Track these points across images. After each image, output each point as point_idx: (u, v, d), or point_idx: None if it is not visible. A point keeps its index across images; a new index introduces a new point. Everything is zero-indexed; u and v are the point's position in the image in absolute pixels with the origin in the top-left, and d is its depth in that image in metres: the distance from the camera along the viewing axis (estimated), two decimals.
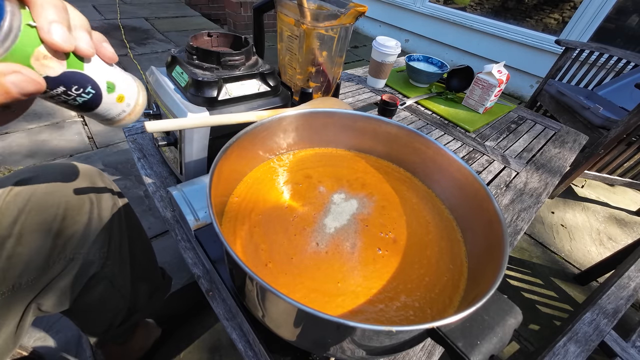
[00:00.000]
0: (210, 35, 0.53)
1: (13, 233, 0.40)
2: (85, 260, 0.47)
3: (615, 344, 0.65)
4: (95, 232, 0.47)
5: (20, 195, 0.42)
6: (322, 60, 0.62)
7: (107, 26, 2.43)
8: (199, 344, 0.82)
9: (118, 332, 0.60)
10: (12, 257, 0.40)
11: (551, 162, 0.78)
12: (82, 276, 0.48)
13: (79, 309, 0.51)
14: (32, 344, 0.75)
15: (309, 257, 0.34)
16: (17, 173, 0.45)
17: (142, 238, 0.60)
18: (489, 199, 0.34)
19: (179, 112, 0.43)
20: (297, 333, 0.27)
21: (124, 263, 0.54)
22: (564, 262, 1.29)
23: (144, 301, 0.61)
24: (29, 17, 0.20)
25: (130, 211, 0.56)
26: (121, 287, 0.54)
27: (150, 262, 0.64)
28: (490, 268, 0.29)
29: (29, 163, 1.24)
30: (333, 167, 0.45)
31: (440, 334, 0.23)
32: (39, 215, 0.42)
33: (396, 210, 0.40)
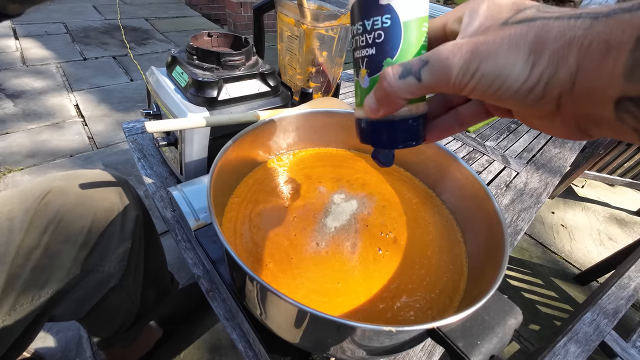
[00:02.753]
0: (211, 35, 0.53)
1: (41, 244, 0.40)
2: (106, 272, 0.47)
3: (616, 344, 0.65)
4: (118, 245, 0.47)
5: (51, 205, 0.41)
6: (322, 60, 0.62)
7: (108, 26, 2.43)
8: (199, 344, 0.82)
9: (125, 336, 0.60)
10: (36, 268, 0.39)
11: (551, 162, 0.78)
12: (100, 288, 0.48)
13: (90, 315, 0.51)
14: (33, 344, 0.75)
15: (309, 257, 0.34)
16: (49, 180, 0.44)
17: (157, 245, 0.60)
18: (489, 199, 0.34)
19: (179, 112, 0.43)
20: (297, 333, 0.27)
21: (139, 271, 0.53)
22: (564, 262, 1.29)
23: (153, 306, 0.61)
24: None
25: (149, 218, 0.56)
26: (133, 293, 0.54)
27: (161, 268, 0.64)
28: (490, 268, 0.29)
29: (29, 163, 1.24)
30: (333, 167, 0.45)
31: (440, 334, 0.23)
32: (67, 227, 0.42)
33: (396, 210, 0.40)
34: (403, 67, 0.17)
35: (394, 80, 0.18)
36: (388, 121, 0.21)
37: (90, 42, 2.17)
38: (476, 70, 0.15)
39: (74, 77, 1.78)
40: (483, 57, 0.15)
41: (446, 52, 0.16)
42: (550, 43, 0.14)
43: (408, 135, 0.22)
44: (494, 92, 0.16)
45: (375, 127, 0.22)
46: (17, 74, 1.72)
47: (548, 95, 0.15)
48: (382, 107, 0.20)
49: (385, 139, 0.22)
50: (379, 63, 0.20)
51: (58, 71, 1.81)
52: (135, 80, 1.86)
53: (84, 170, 0.47)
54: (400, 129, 0.22)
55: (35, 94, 1.60)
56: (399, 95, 0.18)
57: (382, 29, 0.19)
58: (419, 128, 0.22)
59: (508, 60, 0.15)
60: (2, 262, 0.37)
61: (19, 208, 0.40)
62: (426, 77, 0.17)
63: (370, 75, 0.21)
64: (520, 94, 0.15)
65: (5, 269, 0.37)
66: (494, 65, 0.15)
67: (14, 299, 0.38)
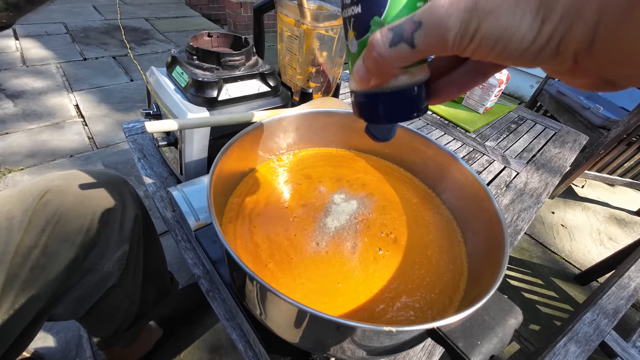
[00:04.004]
0: (211, 35, 0.53)
1: (39, 244, 0.40)
2: (104, 272, 0.47)
3: (616, 344, 0.65)
4: (117, 244, 0.47)
5: (49, 204, 0.41)
6: (322, 60, 0.62)
7: (108, 26, 2.43)
8: (199, 344, 0.82)
9: (124, 336, 0.60)
10: (35, 268, 0.39)
11: (551, 162, 0.78)
12: (99, 287, 0.48)
13: (89, 314, 0.51)
14: (32, 344, 0.75)
15: (309, 257, 0.34)
16: (48, 179, 0.44)
17: (156, 245, 0.60)
18: (489, 199, 0.34)
19: (179, 112, 0.43)
20: (297, 333, 0.27)
21: (138, 271, 0.53)
22: (564, 262, 1.29)
23: (152, 306, 0.61)
24: None
25: (148, 218, 0.56)
26: (132, 293, 0.54)
27: (160, 268, 0.64)
28: (490, 268, 0.29)
29: (29, 163, 1.24)
30: (333, 167, 0.45)
31: (440, 334, 0.23)
32: (66, 226, 0.42)
33: (396, 210, 0.40)
34: (393, 32, 0.15)
35: (384, 49, 0.16)
36: (382, 92, 0.19)
37: (90, 42, 2.17)
38: (476, 31, 0.13)
39: (74, 77, 1.78)
40: (483, 16, 0.13)
41: (442, 11, 0.14)
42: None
43: (407, 106, 0.19)
44: (498, 54, 0.14)
45: (368, 99, 0.20)
46: (17, 74, 1.72)
47: (562, 54, 0.13)
48: (373, 76, 0.17)
49: (381, 112, 0.20)
50: (366, 23, 0.17)
51: (58, 71, 1.81)
52: (135, 80, 1.86)
53: (83, 170, 0.47)
54: (397, 100, 0.19)
55: (35, 94, 1.60)
56: (391, 64, 0.16)
57: None
58: (419, 97, 0.19)
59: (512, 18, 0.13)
60: (1, 262, 0.37)
61: (18, 207, 0.40)
62: (420, 43, 0.15)
63: (358, 37, 0.18)
64: (529, 54, 0.13)
65: (4, 268, 0.37)
66: (496, 25, 0.13)
67: (13, 299, 0.38)
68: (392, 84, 0.18)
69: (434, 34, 0.14)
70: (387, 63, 0.16)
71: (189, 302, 0.83)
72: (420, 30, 0.15)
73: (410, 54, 0.15)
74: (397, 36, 0.15)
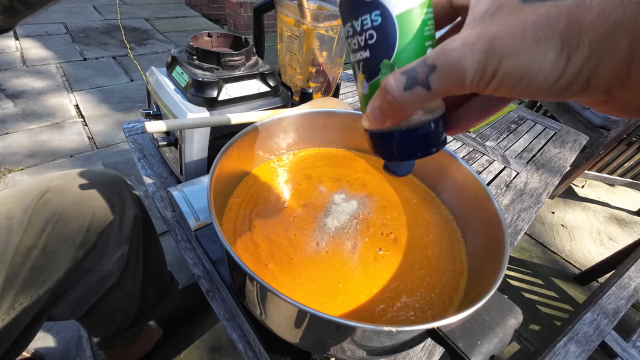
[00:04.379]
0: (211, 35, 0.53)
1: (39, 243, 0.40)
2: (104, 272, 0.47)
3: (616, 344, 0.65)
4: (116, 244, 0.47)
5: (49, 204, 0.41)
6: (322, 60, 0.62)
7: (108, 27, 2.43)
8: (199, 344, 0.82)
9: (124, 336, 0.60)
10: (34, 268, 0.39)
11: (551, 162, 0.78)
12: (99, 287, 0.48)
13: (89, 314, 0.51)
14: (32, 345, 0.75)
15: (309, 257, 0.34)
16: (48, 179, 0.44)
17: (156, 245, 0.60)
18: (489, 199, 0.34)
19: (179, 112, 0.43)
20: (297, 333, 0.27)
21: (138, 271, 0.53)
22: (564, 262, 1.29)
23: (152, 306, 0.61)
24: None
25: (148, 218, 0.56)
26: (132, 293, 0.54)
27: (160, 268, 0.64)
28: (490, 268, 0.29)
29: (29, 163, 1.24)
30: (333, 167, 0.45)
31: (440, 334, 0.23)
32: (65, 226, 0.42)
33: (397, 210, 0.40)
34: (407, 77, 0.15)
35: (399, 93, 0.15)
36: (398, 131, 0.18)
37: (90, 42, 2.17)
38: (495, 71, 0.13)
39: (74, 77, 1.78)
40: (502, 55, 0.12)
41: (456, 53, 0.13)
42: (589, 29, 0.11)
43: (424, 143, 0.19)
44: (522, 91, 0.13)
45: (384, 138, 0.19)
46: (17, 74, 1.72)
47: (593, 88, 0.12)
48: (387, 118, 0.17)
49: (398, 150, 0.19)
50: (376, 66, 0.17)
51: (58, 71, 1.81)
52: (135, 80, 1.86)
53: (82, 170, 0.47)
54: (413, 137, 0.18)
55: (35, 94, 1.60)
56: (406, 107, 0.16)
57: (373, 29, 0.17)
58: (436, 132, 0.19)
59: (534, 56, 0.12)
60: (1, 262, 0.37)
61: (18, 207, 0.40)
62: (436, 85, 0.14)
63: (368, 80, 0.18)
64: (556, 90, 0.13)
65: (3, 268, 0.37)
66: (517, 64, 0.12)
67: (13, 298, 0.38)
68: (407, 122, 0.18)
69: (450, 76, 0.14)
70: (403, 106, 0.16)
71: (189, 302, 0.83)
72: (435, 74, 0.14)
73: (427, 96, 0.15)
74: (411, 80, 0.15)
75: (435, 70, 0.14)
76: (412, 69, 0.15)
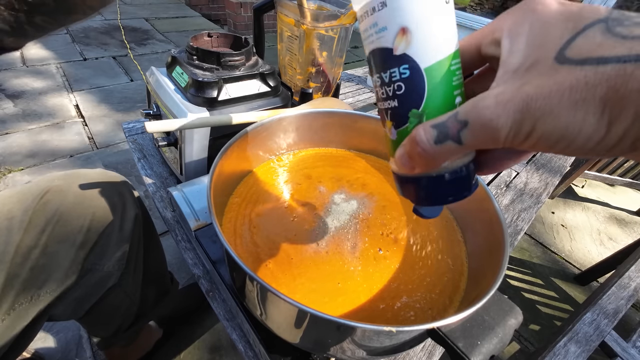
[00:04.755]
0: (211, 35, 0.53)
1: (39, 244, 0.40)
2: (104, 272, 0.47)
3: (616, 344, 0.65)
4: (117, 244, 0.47)
5: (49, 205, 0.41)
6: (322, 60, 0.62)
7: (108, 27, 2.43)
8: (199, 344, 0.82)
9: (124, 335, 0.60)
10: (35, 268, 0.39)
11: (551, 162, 0.78)
12: (99, 287, 0.48)
13: (89, 314, 0.51)
14: (32, 345, 0.75)
15: (309, 257, 0.34)
16: (48, 179, 0.44)
17: (157, 245, 0.60)
18: (489, 199, 0.34)
19: (179, 112, 0.43)
20: (297, 333, 0.27)
21: (138, 271, 0.53)
22: (564, 262, 1.29)
23: (152, 306, 0.61)
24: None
25: (148, 218, 0.56)
26: (132, 293, 0.54)
27: (160, 268, 0.64)
28: (490, 268, 0.29)
29: (29, 163, 1.24)
30: (333, 167, 0.45)
31: (440, 335, 0.23)
32: (66, 226, 0.42)
33: (397, 210, 0.40)
34: (438, 131, 0.15)
35: (429, 146, 0.15)
36: (427, 177, 0.18)
37: (90, 42, 2.17)
38: (531, 131, 0.13)
39: (74, 77, 1.78)
40: (538, 117, 0.12)
41: (488, 112, 0.13)
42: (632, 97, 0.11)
43: (454, 188, 0.19)
44: (561, 149, 0.13)
45: (414, 183, 0.19)
46: (17, 74, 1.72)
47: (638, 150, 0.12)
48: (417, 166, 0.17)
49: (428, 195, 0.19)
50: (404, 115, 0.17)
51: (58, 71, 1.81)
52: (135, 80, 1.86)
53: (83, 170, 0.47)
54: (443, 184, 0.18)
55: (35, 94, 1.60)
56: (437, 159, 0.16)
57: (401, 81, 0.17)
58: (467, 178, 0.18)
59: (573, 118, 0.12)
60: (1, 262, 0.37)
61: (18, 207, 0.40)
62: (468, 140, 0.14)
63: (396, 127, 0.18)
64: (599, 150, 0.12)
65: (4, 268, 0.37)
66: (555, 126, 0.12)
67: (13, 299, 0.38)
68: (437, 169, 0.18)
69: (483, 133, 0.14)
70: (433, 158, 0.16)
71: (189, 302, 0.83)
72: (466, 130, 0.14)
73: (458, 149, 0.15)
74: (442, 135, 0.15)
75: (467, 126, 0.14)
76: (443, 123, 0.15)
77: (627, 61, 0.11)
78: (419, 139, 0.16)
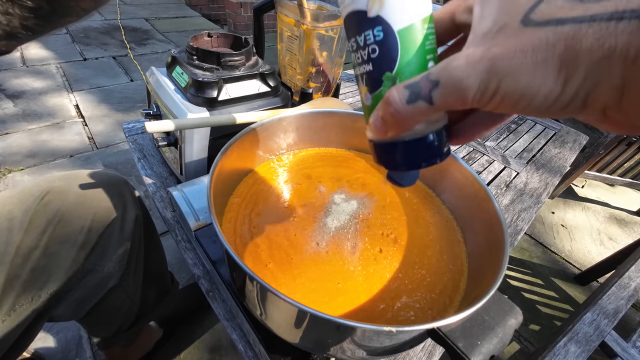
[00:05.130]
0: (211, 35, 0.53)
1: (40, 244, 0.40)
2: (105, 273, 0.47)
3: (616, 344, 0.65)
4: (117, 245, 0.47)
5: (50, 205, 0.41)
6: (322, 60, 0.62)
7: (108, 27, 2.43)
8: (199, 344, 0.82)
9: (125, 336, 0.60)
10: (35, 269, 0.39)
11: (551, 162, 0.78)
12: (100, 288, 0.48)
13: (90, 315, 0.51)
14: (32, 345, 0.75)
15: (309, 257, 0.34)
16: (49, 180, 0.44)
17: (157, 245, 0.60)
18: (489, 199, 0.34)
19: (179, 112, 0.43)
20: (297, 333, 0.27)
21: (138, 272, 0.53)
22: (564, 262, 1.29)
23: (153, 306, 0.61)
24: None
25: (149, 218, 0.56)
26: (133, 294, 0.54)
27: (161, 268, 0.64)
28: (490, 268, 0.29)
29: (29, 163, 1.24)
30: (333, 167, 0.45)
31: (440, 335, 0.23)
32: (66, 227, 0.42)
33: (397, 210, 0.40)
34: (410, 91, 0.16)
35: (401, 106, 0.16)
36: (401, 141, 0.19)
37: (90, 42, 2.17)
38: (496, 90, 0.13)
39: (74, 77, 1.78)
40: (502, 76, 0.13)
41: (458, 72, 0.14)
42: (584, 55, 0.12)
43: (427, 153, 0.19)
44: (522, 108, 0.14)
45: (387, 149, 0.20)
46: (17, 74, 1.72)
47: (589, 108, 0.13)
48: (390, 129, 0.18)
49: (401, 160, 0.20)
50: (378, 79, 0.18)
51: (58, 71, 1.81)
52: (135, 80, 1.86)
53: (83, 171, 0.47)
54: (417, 148, 0.19)
55: (35, 94, 1.60)
56: (409, 119, 0.16)
57: (375, 43, 0.17)
58: (439, 143, 0.19)
59: (533, 78, 0.13)
60: (2, 262, 0.37)
61: (19, 208, 0.40)
62: (438, 100, 0.15)
63: (371, 92, 0.19)
64: (554, 109, 0.13)
65: (4, 269, 0.37)
66: (516, 85, 0.13)
67: (14, 299, 0.38)
68: (410, 133, 0.19)
69: (453, 92, 0.14)
70: (405, 118, 0.16)
71: (189, 302, 0.83)
72: (437, 89, 0.15)
73: (429, 109, 0.16)
74: (414, 94, 0.15)
75: (438, 86, 0.15)
76: (415, 83, 0.16)
77: (582, 21, 0.12)
78: (392, 99, 0.16)
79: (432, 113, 0.16)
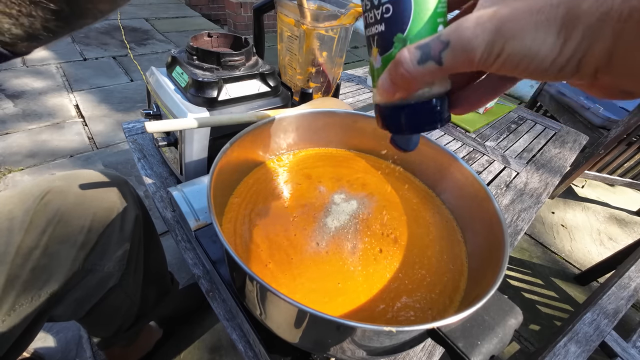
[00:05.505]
0: (211, 35, 0.53)
1: (40, 244, 0.40)
2: (105, 272, 0.47)
3: (616, 344, 0.65)
4: (117, 245, 0.47)
5: (50, 205, 0.41)
6: (322, 60, 0.62)
7: (108, 27, 2.43)
8: (199, 344, 0.82)
9: (125, 336, 0.60)
10: (35, 269, 0.39)
11: (551, 162, 0.78)
12: (100, 288, 0.48)
13: (89, 315, 0.51)
14: (32, 345, 0.75)
15: (309, 257, 0.34)
16: (49, 180, 0.44)
17: (157, 245, 0.60)
18: (489, 199, 0.34)
19: (179, 112, 0.43)
20: (297, 333, 0.27)
21: (138, 271, 0.53)
22: (564, 262, 1.29)
23: (153, 306, 0.61)
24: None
25: (149, 218, 0.56)
26: (133, 294, 0.54)
27: (161, 268, 0.64)
28: (490, 268, 0.29)
29: (29, 163, 1.24)
30: (333, 167, 0.45)
31: (440, 335, 0.23)
32: (66, 227, 0.42)
33: (397, 210, 0.40)
34: (421, 51, 0.16)
35: (412, 66, 0.16)
36: (407, 104, 0.20)
37: (90, 42, 2.17)
38: (501, 50, 0.14)
39: (74, 78, 1.78)
40: (508, 37, 0.14)
41: (468, 32, 0.15)
42: (583, 17, 0.12)
43: (430, 117, 0.20)
44: (522, 70, 0.14)
45: (393, 112, 0.20)
46: (17, 74, 1.72)
47: (583, 70, 0.13)
48: (398, 90, 0.18)
49: (405, 123, 0.20)
50: (390, 39, 0.18)
51: (58, 71, 1.81)
52: (135, 80, 1.86)
53: (84, 171, 0.47)
54: (421, 111, 0.20)
55: (35, 94, 1.60)
56: (418, 80, 0.17)
57: (389, 3, 0.18)
58: (442, 108, 0.20)
59: (536, 38, 0.13)
60: (2, 262, 0.37)
61: (19, 208, 0.40)
62: (448, 61, 0.15)
63: (382, 53, 0.19)
64: (551, 71, 0.14)
65: (4, 269, 0.37)
66: (521, 45, 0.14)
67: (14, 299, 0.38)
68: (415, 96, 0.19)
69: (461, 53, 0.15)
70: (415, 79, 0.17)
71: (189, 302, 0.83)
72: (447, 50, 0.15)
73: (438, 70, 0.16)
74: (425, 55, 0.16)
75: (448, 47, 0.15)
76: (426, 44, 0.16)
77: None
78: (403, 59, 0.17)
79: (441, 74, 0.16)
